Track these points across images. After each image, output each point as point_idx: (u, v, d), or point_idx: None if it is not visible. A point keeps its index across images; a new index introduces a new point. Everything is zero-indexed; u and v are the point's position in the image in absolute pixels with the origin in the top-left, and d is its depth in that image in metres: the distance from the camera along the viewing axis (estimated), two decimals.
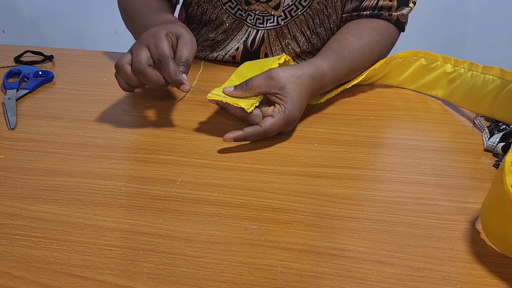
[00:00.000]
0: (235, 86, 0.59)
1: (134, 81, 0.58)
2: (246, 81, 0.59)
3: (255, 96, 0.59)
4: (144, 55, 0.56)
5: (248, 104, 0.57)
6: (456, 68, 0.70)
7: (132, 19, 0.78)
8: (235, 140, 0.56)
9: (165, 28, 0.59)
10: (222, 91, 0.59)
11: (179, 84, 0.56)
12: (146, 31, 0.60)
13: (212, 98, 0.58)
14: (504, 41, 1.93)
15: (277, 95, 0.58)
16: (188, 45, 0.59)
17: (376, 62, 0.73)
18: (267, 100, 0.60)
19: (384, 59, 0.73)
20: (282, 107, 0.58)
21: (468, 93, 0.68)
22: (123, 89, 0.60)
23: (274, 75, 0.58)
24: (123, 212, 0.45)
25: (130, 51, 0.59)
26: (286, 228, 0.43)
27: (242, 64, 0.66)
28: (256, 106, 0.58)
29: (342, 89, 0.70)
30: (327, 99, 0.69)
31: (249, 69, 0.64)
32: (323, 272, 0.39)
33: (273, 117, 0.57)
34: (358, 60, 0.71)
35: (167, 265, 0.39)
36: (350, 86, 0.70)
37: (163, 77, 0.57)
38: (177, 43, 0.60)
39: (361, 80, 0.72)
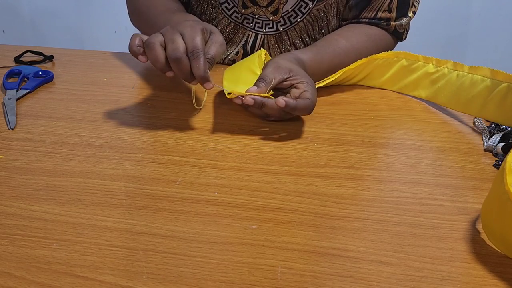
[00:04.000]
0: (256, 86, 0.59)
1: (160, 64, 0.56)
2: (262, 78, 0.60)
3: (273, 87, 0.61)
4: (182, 43, 0.55)
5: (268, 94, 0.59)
6: (439, 68, 0.69)
7: (148, 18, 0.77)
8: (286, 104, 0.57)
9: (201, 23, 0.59)
10: (245, 91, 0.58)
11: (205, 81, 0.56)
12: (182, 21, 0.59)
13: (235, 96, 0.58)
14: (505, 41, 1.93)
15: (290, 79, 0.61)
16: (217, 44, 0.58)
17: None
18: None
19: (363, 59, 0.72)
20: (305, 83, 0.60)
21: (455, 94, 0.67)
22: (133, 53, 0.57)
23: (278, 64, 0.61)
24: (123, 212, 0.45)
25: (162, 33, 0.57)
26: (286, 228, 0.43)
27: (225, 71, 0.67)
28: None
29: (326, 83, 0.70)
30: (317, 89, 0.69)
31: (237, 73, 0.66)
32: (323, 272, 0.39)
33: (307, 90, 0.59)
34: (342, 60, 0.72)
35: (167, 265, 0.39)
36: (326, 83, 0.70)
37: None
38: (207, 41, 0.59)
39: (340, 80, 0.72)
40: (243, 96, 0.58)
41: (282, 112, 0.60)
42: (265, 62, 0.67)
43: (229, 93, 0.59)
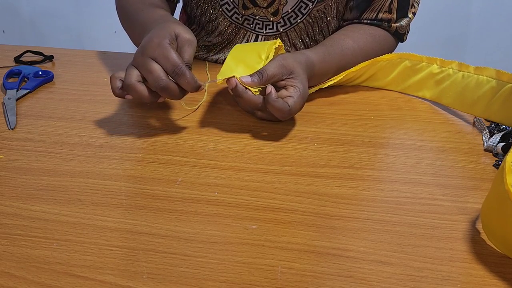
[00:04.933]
0: (251, 77, 0.58)
1: (147, 99, 0.55)
2: (260, 71, 0.58)
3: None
4: (160, 70, 0.54)
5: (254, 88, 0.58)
6: (443, 68, 0.69)
7: (127, 15, 0.76)
8: (270, 92, 0.56)
9: (165, 35, 0.57)
10: (239, 78, 0.57)
11: (198, 90, 0.55)
12: (146, 39, 0.57)
13: (222, 81, 0.58)
14: (505, 41, 1.93)
15: (288, 80, 0.60)
16: (186, 45, 0.57)
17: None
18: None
19: (366, 62, 0.72)
20: (296, 88, 0.59)
21: (461, 94, 0.67)
22: (118, 96, 0.57)
23: (285, 63, 0.60)
24: (123, 212, 0.45)
25: (136, 66, 0.56)
26: (286, 228, 0.43)
27: (234, 47, 0.65)
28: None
29: (328, 84, 0.69)
30: (318, 90, 0.70)
31: (244, 52, 0.64)
32: (323, 272, 0.39)
33: (293, 97, 0.58)
34: (349, 61, 0.72)
35: (167, 265, 0.39)
36: (328, 85, 0.69)
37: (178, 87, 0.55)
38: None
39: (342, 81, 0.72)
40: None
41: (255, 107, 0.58)
42: (277, 52, 0.66)
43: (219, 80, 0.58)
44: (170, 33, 0.57)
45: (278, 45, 0.67)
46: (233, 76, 0.57)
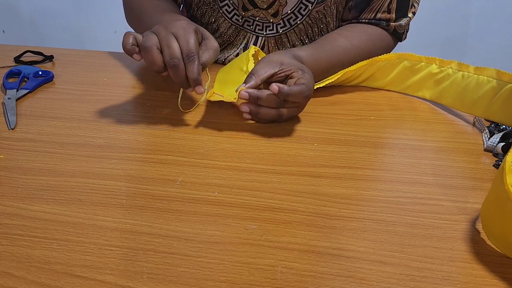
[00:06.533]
0: (245, 83, 0.59)
1: (158, 67, 0.57)
2: (251, 73, 0.59)
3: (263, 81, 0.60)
4: (178, 48, 0.56)
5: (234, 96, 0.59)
6: (443, 68, 0.69)
7: (141, 18, 0.77)
8: (279, 90, 0.56)
9: (193, 26, 0.59)
10: (236, 91, 0.59)
11: (196, 84, 0.57)
12: (174, 20, 0.59)
13: (214, 99, 0.60)
14: (505, 41, 1.93)
15: (283, 71, 0.60)
16: (211, 50, 0.59)
17: None
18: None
19: (365, 61, 0.72)
20: (299, 71, 0.60)
21: (461, 94, 0.67)
22: (127, 51, 0.57)
23: (269, 59, 0.61)
24: (123, 212, 0.45)
25: (156, 34, 0.57)
26: (286, 228, 0.43)
27: (218, 72, 0.68)
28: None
29: (325, 83, 0.69)
30: (318, 89, 0.69)
31: (227, 73, 0.67)
32: (323, 272, 0.39)
33: (302, 77, 0.59)
34: (341, 59, 0.72)
35: (167, 265, 0.39)
36: (325, 84, 0.69)
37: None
38: (200, 43, 0.60)
39: (341, 81, 0.72)
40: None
41: (278, 101, 0.58)
42: (256, 57, 0.67)
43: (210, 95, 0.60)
44: (198, 29, 0.59)
45: (255, 51, 0.68)
46: (215, 94, 0.59)
